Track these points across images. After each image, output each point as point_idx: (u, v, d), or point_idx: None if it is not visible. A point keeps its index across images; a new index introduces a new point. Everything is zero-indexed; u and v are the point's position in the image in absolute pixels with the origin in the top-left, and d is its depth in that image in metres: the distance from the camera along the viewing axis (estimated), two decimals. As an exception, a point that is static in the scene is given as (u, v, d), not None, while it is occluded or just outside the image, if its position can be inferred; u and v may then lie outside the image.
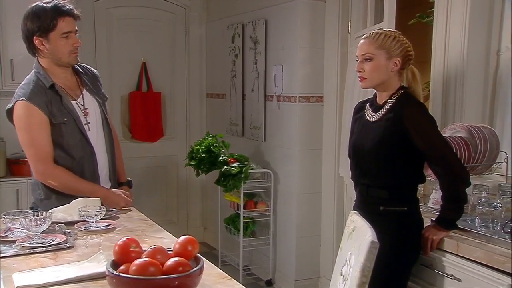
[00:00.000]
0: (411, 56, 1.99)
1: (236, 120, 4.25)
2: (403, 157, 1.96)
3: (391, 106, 1.98)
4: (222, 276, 1.59)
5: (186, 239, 1.44)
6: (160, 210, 4.68)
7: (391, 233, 1.95)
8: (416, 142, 1.91)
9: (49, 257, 1.70)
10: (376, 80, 2.00)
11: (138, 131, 4.55)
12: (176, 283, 1.28)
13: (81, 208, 2.05)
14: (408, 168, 1.98)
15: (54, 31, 2.15)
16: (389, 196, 1.98)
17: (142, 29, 4.56)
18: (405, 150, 1.94)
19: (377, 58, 1.97)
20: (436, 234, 1.96)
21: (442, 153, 1.93)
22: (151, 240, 1.93)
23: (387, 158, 1.97)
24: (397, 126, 1.92)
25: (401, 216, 1.99)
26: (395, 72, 1.98)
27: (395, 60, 1.96)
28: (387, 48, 1.96)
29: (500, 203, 2.01)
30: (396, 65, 1.97)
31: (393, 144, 1.95)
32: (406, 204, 2.01)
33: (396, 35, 1.99)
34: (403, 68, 2.00)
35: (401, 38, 1.99)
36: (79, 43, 2.22)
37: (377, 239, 1.49)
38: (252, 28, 3.95)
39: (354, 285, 1.45)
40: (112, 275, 1.29)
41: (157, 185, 4.73)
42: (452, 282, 1.93)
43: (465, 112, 2.55)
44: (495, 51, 2.53)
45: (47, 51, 2.20)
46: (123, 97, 4.52)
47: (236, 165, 3.63)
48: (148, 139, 4.59)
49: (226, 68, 4.37)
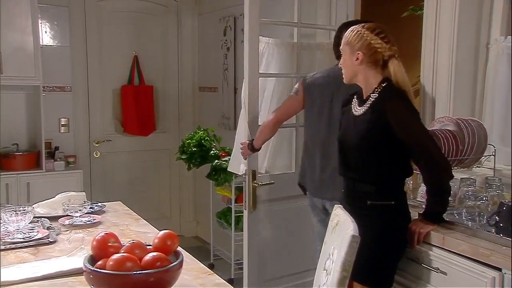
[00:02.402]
0: (379, 49, 1.92)
1: (228, 114, 4.23)
2: (388, 151, 1.94)
3: (374, 100, 1.96)
4: (204, 271, 1.58)
5: (165, 234, 1.42)
6: (153, 204, 4.67)
7: (378, 227, 1.94)
8: (399, 135, 1.89)
9: (30, 252, 1.69)
10: (347, 75, 2.00)
11: (130, 125, 4.52)
12: (153, 278, 1.27)
13: (65, 203, 2.03)
14: (394, 162, 1.97)
15: None
16: (376, 191, 1.97)
17: (134, 22, 4.53)
18: (389, 144, 1.92)
19: (344, 54, 1.99)
20: (423, 228, 1.95)
21: (424, 145, 1.91)
22: (135, 235, 1.92)
23: (372, 153, 1.95)
24: (380, 120, 1.90)
25: (388, 210, 1.98)
26: (364, 66, 1.95)
27: (357, 54, 1.93)
28: (350, 43, 1.95)
29: (486, 197, 2.00)
30: (358, 59, 1.94)
31: (377, 138, 1.93)
32: (393, 198, 1.99)
33: (360, 29, 1.95)
34: (377, 61, 1.94)
35: (363, 32, 1.93)
36: None
37: (359, 233, 1.47)
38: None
39: (335, 279, 1.44)
40: (89, 270, 1.28)
41: (150, 179, 4.72)
42: (438, 275, 1.92)
43: (455, 105, 2.53)
44: (484, 44, 2.51)
45: None
46: (115, 90, 4.50)
47: (228, 159, 3.61)
48: (140, 133, 4.57)
49: (218, 61, 4.35)
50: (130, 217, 2.19)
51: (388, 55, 1.93)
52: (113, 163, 4.52)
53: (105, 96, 4.46)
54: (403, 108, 1.90)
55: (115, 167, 4.53)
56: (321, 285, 1.62)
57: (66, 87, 4.21)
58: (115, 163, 4.52)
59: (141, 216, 2.22)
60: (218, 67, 4.35)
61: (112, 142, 4.49)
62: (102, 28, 4.39)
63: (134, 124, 4.53)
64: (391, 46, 1.93)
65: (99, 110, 4.43)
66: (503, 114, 2.39)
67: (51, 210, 2.12)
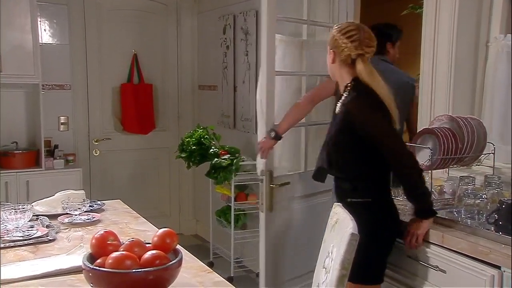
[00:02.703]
0: (345, 48, 1.95)
1: (228, 112, 4.23)
2: (360, 148, 1.95)
3: (344, 98, 2.00)
4: (203, 269, 1.58)
5: (164, 232, 1.42)
6: (152, 203, 4.67)
7: (359, 224, 1.94)
8: (361, 134, 1.91)
9: (29, 250, 1.69)
10: (329, 73, 2.10)
11: (130, 123, 4.52)
12: (152, 276, 1.27)
13: (65, 201, 2.03)
14: (369, 160, 1.97)
15: None
16: (353, 188, 2.00)
17: (133, 20, 4.52)
18: (359, 142, 1.94)
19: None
20: (419, 228, 1.95)
21: (386, 143, 1.90)
22: (134, 233, 1.92)
23: (346, 151, 1.98)
24: (345, 118, 1.94)
25: (367, 207, 1.99)
26: (337, 64, 2.01)
27: (330, 52, 2.03)
28: (327, 43, 2.05)
29: (486, 195, 2.00)
30: (330, 57, 2.02)
31: (346, 137, 1.96)
32: (370, 195, 2.00)
33: (334, 28, 2.03)
34: (346, 60, 1.97)
35: (334, 32, 2.01)
36: None
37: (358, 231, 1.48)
38: (243, 19, 3.92)
39: (334, 277, 1.44)
40: (88, 268, 1.28)
41: (149, 178, 4.72)
42: (437, 273, 1.92)
43: (454, 103, 2.53)
44: (484, 42, 2.51)
45: None
46: (114, 89, 4.49)
47: (227, 157, 3.61)
48: (140, 131, 4.57)
49: (217, 59, 4.34)
50: (130, 215, 2.19)
51: (356, 54, 1.95)
52: (112, 161, 4.51)
53: (105, 95, 4.46)
54: (364, 107, 1.91)
55: (114, 165, 4.53)
56: (321, 283, 1.62)
57: (66, 85, 4.20)
58: (114, 161, 4.52)
59: (141, 214, 2.22)
60: (218, 65, 4.34)
61: (112, 141, 4.49)
62: (102, 26, 4.39)
63: (133, 122, 4.52)
64: (358, 45, 1.95)
65: (98, 109, 4.43)
66: (502, 112, 2.39)
67: (51, 208, 2.12)
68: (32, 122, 3.96)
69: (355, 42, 1.95)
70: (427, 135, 2.24)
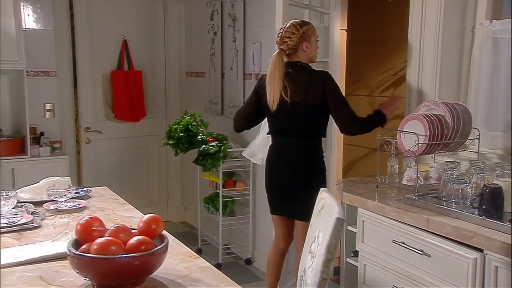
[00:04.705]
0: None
1: (215, 99, 4.21)
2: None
3: None
4: (190, 254, 1.58)
5: (150, 218, 1.42)
6: (141, 190, 4.66)
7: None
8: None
9: (13, 237, 1.67)
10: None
11: (121, 111, 4.45)
12: (137, 262, 1.26)
13: (50, 188, 2.01)
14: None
15: None
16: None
17: (121, 5, 4.44)
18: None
19: None
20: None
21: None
22: (121, 220, 1.91)
23: None
24: None
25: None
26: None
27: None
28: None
29: (470, 180, 2.02)
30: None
31: None
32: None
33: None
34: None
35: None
36: None
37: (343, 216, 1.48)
38: (230, 5, 3.88)
39: (320, 261, 1.45)
40: (73, 254, 1.27)
41: (138, 165, 4.69)
42: (422, 257, 1.95)
43: (440, 89, 2.54)
44: (470, 29, 2.52)
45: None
46: (105, 75, 4.42)
47: (215, 144, 3.60)
48: (131, 119, 4.50)
49: (205, 46, 4.31)
50: (116, 202, 2.18)
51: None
52: (101, 149, 4.47)
53: (96, 81, 4.40)
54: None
55: (103, 153, 4.48)
56: (307, 267, 1.63)
57: (51, 71, 4.13)
58: (103, 149, 4.48)
59: (129, 202, 2.20)
60: (205, 52, 4.30)
61: (101, 128, 4.44)
62: (91, 11, 4.30)
63: (125, 110, 4.46)
64: (278, 41, 2.56)
65: (88, 96, 4.37)
66: (487, 98, 2.41)
67: (36, 195, 2.09)
68: (17, 109, 3.90)
69: (278, 38, 2.61)
70: (413, 121, 2.25)
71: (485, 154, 2.36)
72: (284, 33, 2.55)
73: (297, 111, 2.53)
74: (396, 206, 2.09)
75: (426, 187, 2.26)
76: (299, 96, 2.50)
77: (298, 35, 2.52)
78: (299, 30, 2.52)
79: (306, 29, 2.54)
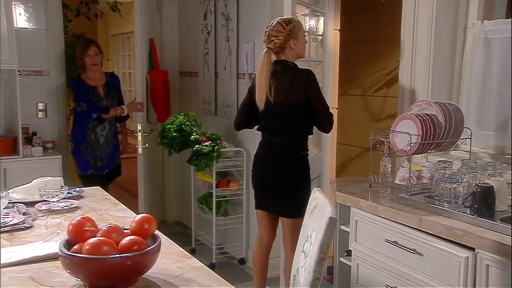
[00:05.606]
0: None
1: (209, 99, 4.20)
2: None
3: None
4: (183, 254, 1.57)
5: (142, 218, 1.41)
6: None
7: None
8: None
9: (5, 238, 1.66)
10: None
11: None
12: (130, 262, 1.26)
13: (42, 188, 2.00)
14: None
15: None
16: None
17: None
18: None
19: None
20: None
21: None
22: (114, 220, 1.90)
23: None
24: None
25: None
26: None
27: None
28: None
29: (462, 179, 2.03)
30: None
31: None
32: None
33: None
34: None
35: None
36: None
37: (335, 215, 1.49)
38: (224, 5, 3.88)
39: (313, 261, 1.45)
40: (65, 255, 1.26)
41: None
42: (415, 256, 1.96)
43: (433, 89, 2.56)
44: (462, 29, 2.53)
45: None
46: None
47: (208, 144, 3.60)
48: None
49: (198, 45, 4.30)
50: (109, 202, 2.17)
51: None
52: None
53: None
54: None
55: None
56: (300, 267, 1.63)
57: (43, 71, 4.11)
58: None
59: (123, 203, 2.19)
60: (199, 51, 4.30)
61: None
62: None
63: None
64: (265, 40, 2.60)
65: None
66: (478, 98, 2.42)
67: (27, 196, 2.08)
68: (8, 109, 3.87)
69: (265, 37, 2.65)
70: (406, 121, 2.26)
71: (477, 154, 2.37)
72: (271, 32, 2.57)
73: (280, 111, 2.58)
74: (389, 205, 2.10)
75: (418, 186, 2.27)
76: (282, 96, 2.55)
77: (285, 33, 2.54)
78: (286, 28, 2.54)
79: (292, 27, 2.55)
